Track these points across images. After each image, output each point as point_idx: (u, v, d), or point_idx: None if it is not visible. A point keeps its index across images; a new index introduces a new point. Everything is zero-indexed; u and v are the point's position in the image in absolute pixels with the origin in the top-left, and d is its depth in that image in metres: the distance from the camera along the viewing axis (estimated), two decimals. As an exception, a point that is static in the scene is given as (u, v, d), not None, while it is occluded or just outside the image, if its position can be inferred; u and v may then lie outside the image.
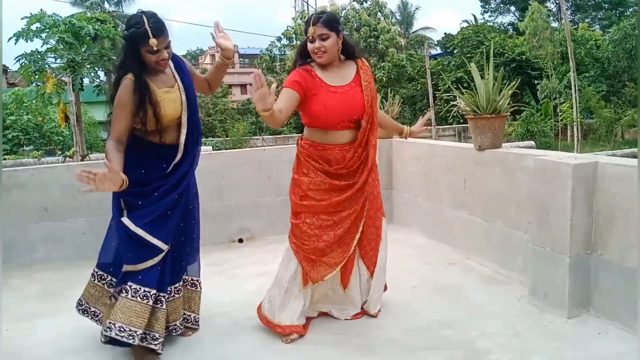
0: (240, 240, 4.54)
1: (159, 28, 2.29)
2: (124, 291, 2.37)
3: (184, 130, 2.47)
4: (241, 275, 3.72)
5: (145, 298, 2.37)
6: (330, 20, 2.56)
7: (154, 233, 2.39)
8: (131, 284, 2.36)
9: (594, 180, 2.65)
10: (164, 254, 2.43)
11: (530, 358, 2.37)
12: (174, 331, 2.61)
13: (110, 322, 2.32)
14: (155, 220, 2.40)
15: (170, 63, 2.49)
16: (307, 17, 2.82)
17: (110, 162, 2.24)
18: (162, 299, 2.46)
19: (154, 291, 2.39)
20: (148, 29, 2.24)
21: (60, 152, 13.78)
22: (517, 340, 2.54)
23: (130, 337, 2.31)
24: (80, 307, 2.60)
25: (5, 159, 13.20)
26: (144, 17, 2.27)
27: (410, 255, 3.96)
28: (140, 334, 2.34)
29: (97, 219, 4.12)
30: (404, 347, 2.53)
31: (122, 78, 2.36)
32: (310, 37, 2.56)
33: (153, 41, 2.26)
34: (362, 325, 2.79)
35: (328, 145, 2.65)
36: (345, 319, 2.86)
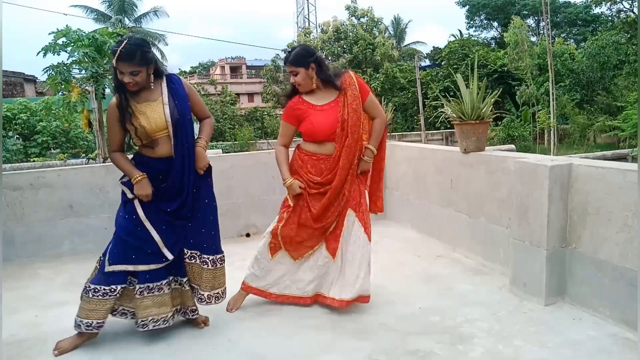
0: (247, 235, 4.54)
1: (129, 54, 2.18)
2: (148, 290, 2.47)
3: (173, 142, 2.36)
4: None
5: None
6: (296, 59, 2.61)
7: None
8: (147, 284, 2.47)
9: (568, 180, 2.66)
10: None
11: (510, 342, 2.37)
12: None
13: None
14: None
15: (164, 80, 2.40)
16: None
17: (124, 167, 2.39)
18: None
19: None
20: (118, 51, 2.18)
21: (84, 155, 13.75)
22: (498, 325, 2.54)
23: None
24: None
25: (34, 160, 13.18)
26: (125, 40, 2.21)
27: (402, 248, 3.96)
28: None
29: (117, 215, 4.15)
30: (396, 332, 2.53)
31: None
32: (288, 72, 2.70)
33: (116, 62, 2.21)
34: (357, 312, 2.78)
35: (321, 155, 2.71)
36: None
